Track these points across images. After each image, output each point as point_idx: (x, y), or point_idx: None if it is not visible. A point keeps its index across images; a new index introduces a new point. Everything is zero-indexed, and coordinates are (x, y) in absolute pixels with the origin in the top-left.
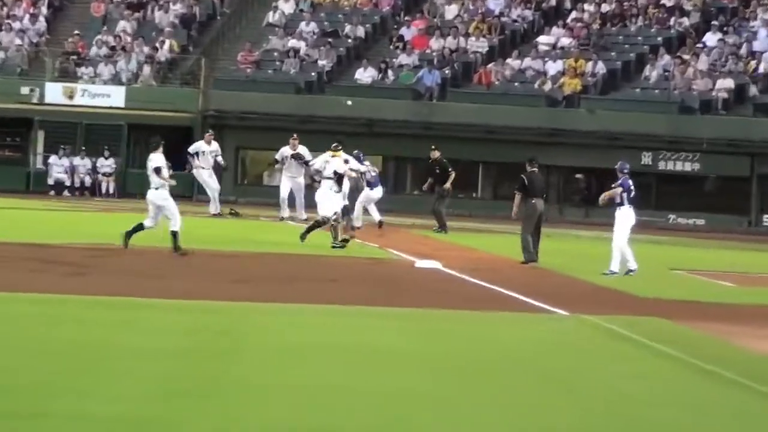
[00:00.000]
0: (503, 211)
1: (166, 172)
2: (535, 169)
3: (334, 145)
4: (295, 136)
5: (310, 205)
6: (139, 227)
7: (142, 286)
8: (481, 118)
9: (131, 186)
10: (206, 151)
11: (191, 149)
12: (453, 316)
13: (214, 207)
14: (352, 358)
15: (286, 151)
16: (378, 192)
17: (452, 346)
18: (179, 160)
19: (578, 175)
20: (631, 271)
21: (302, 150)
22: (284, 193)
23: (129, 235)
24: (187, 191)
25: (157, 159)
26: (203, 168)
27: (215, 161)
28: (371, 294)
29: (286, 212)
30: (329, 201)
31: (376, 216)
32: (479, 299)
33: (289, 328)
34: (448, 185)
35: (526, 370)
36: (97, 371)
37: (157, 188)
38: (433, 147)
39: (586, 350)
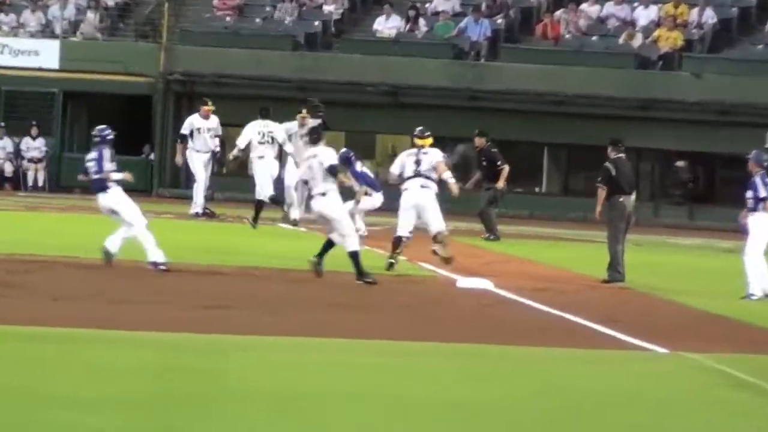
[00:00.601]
0: (576, 211)
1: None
2: (622, 155)
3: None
4: (303, 110)
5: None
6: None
7: (87, 312)
8: (547, 85)
9: (68, 176)
10: (202, 128)
11: (184, 128)
12: (508, 354)
13: (195, 205)
14: (370, 412)
15: (291, 127)
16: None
17: (508, 395)
18: (134, 143)
19: (679, 163)
20: (751, 295)
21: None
22: (290, 180)
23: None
24: (143, 183)
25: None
26: (199, 152)
27: (215, 144)
28: (397, 324)
29: (296, 212)
30: (437, 212)
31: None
32: (544, 331)
33: (284, 370)
34: (501, 184)
35: (609, 430)
36: (18, 430)
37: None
38: (477, 132)
39: (690, 401)
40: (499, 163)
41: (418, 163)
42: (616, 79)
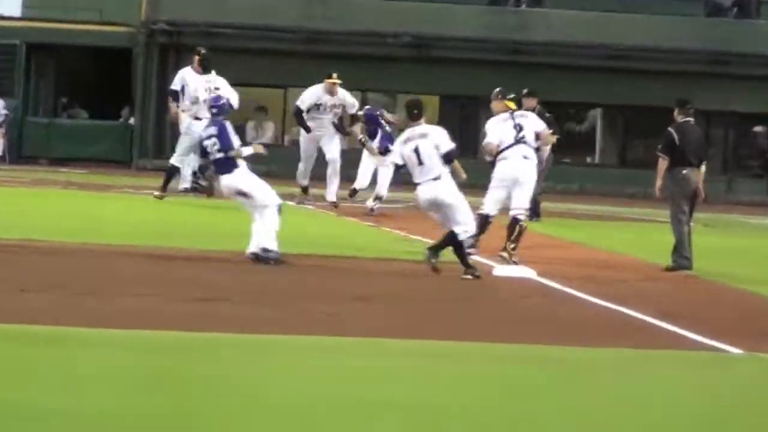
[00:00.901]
0: (635, 186)
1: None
2: (690, 119)
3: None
4: (334, 75)
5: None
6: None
7: (58, 305)
8: (601, 35)
9: (31, 145)
10: (199, 87)
11: (174, 84)
12: (556, 356)
13: (182, 178)
14: (404, 424)
15: (319, 95)
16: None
17: (559, 405)
18: (111, 105)
19: (758, 128)
20: None
21: (344, 97)
22: (306, 165)
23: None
24: (121, 153)
25: None
26: (194, 118)
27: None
28: (422, 320)
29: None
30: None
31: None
32: (598, 329)
33: (293, 375)
34: (547, 150)
35: None
36: None
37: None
38: (526, 91)
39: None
40: (553, 131)
41: (518, 128)
42: (683, 29)
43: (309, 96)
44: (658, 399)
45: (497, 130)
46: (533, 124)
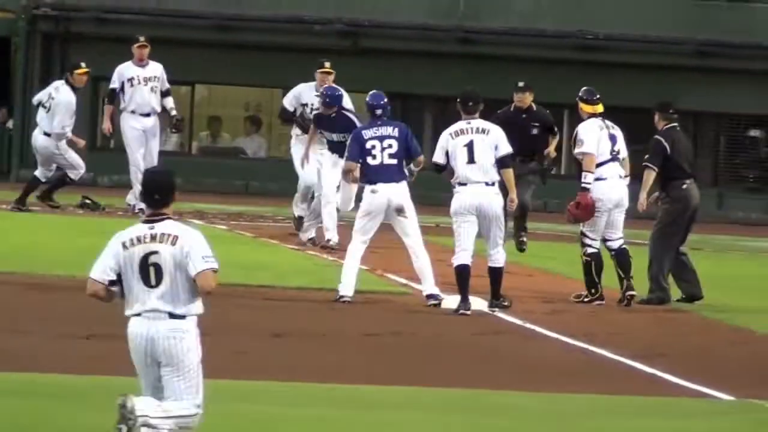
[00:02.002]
0: None
1: None
2: (676, 125)
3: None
4: (326, 65)
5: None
6: None
7: None
8: (568, 22)
9: None
10: (142, 79)
11: (114, 81)
12: (515, 403)
13: (131, 193)
14: None
15: (304, 94)
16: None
17: None
18: None
19: (754, 132)
20: None
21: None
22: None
23: None
24: None
25: None
26: (135, 114)
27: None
28: (360, 361)
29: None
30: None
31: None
32: (564, 371)
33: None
34: (551, 150)
35: None
36: None
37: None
38: (521, 85)
39: None
40: (555, 129)
41: (613, 140)
42: (666, 15)
43: (295, 94)
44: None
45: (594, 138)
46: (622, 137)
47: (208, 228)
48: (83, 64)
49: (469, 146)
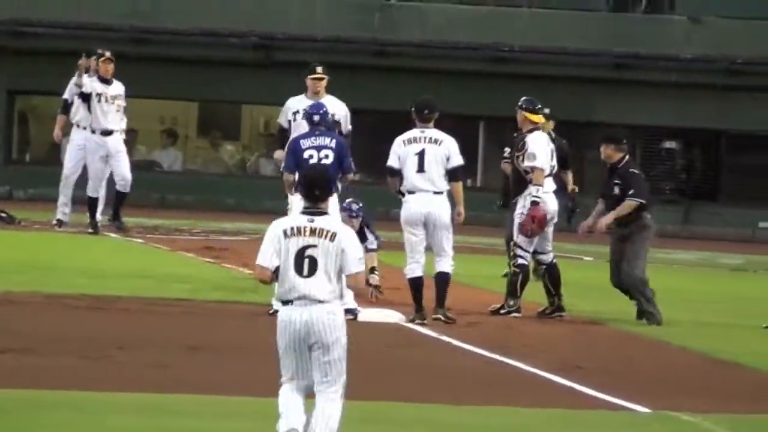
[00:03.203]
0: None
1: None
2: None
3: None
4: (318, 69)
5: None
6: None
7: None
8: (484, 34)
9: None
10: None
11: (69, 91)
12: (430, 416)
13: (57, 209)
14: None
15: (292, 104)
16: None
17: None
18: None
19: (670, 144)
20: None
21: (334, 106)
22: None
23: None
24: None
25: None
26: (80, 128)
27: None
28: (267, 374)
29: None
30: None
31: None
32: (479, 383)
33: None
34: (574, 188)
35: None
36: None
37: None
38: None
39: None
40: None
41: (552, 153)
42: (582, 26)
43: (288, 107)
44: None
45: (544, 151)
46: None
47: (123, 241)
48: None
49: (420, 155)
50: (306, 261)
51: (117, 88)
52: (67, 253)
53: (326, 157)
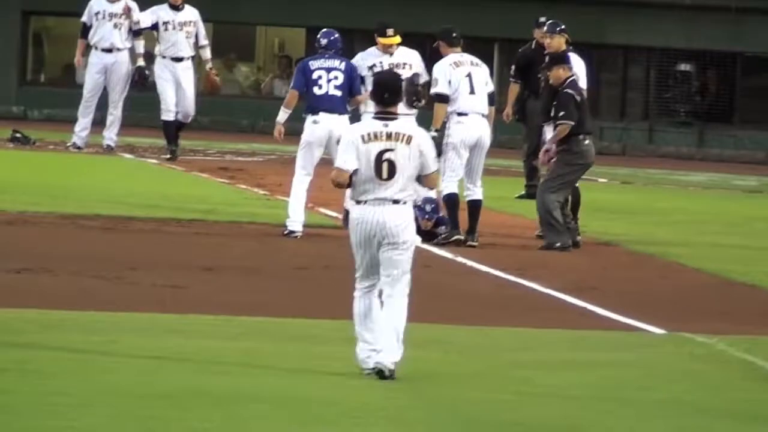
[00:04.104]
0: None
1: None
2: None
3: None
4: (389, 31)
5: None
6: None
7: None
8: None
9: None
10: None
11: (87, 14)
12: (444, 336)
13: (75, 135)
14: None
15: (371, 61)
16: None
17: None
18: None
19: (684, 66)
20: None
21: (408, 57)
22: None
23: None
24: None
25: None
26: (98, 51)
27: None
28: (286, 294)
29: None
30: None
31: None
32: (493, 304)
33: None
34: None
35: None
36: None
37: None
38: (542, 20)
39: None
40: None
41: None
42: None
43: (361, 61)
44: (559, 390)
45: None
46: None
47: (138, 162)
48: None
49: (470, 77)
50: (385, 164)
51: (187, 14)
52: (81, 175)
53: (336, 78)
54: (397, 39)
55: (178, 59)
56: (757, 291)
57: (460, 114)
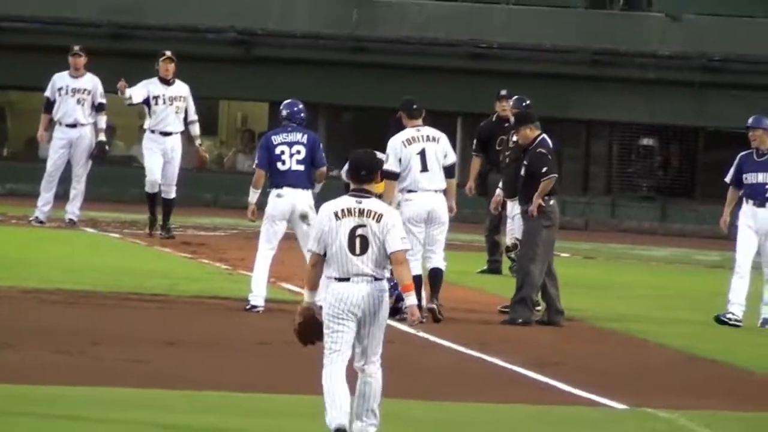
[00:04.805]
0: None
1: None
2: (544, 135)
3: None
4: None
5: None
6: None
7: None
8: (462, 30)
9: None
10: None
11: (50, 89)
12: (403, 411)
13: (37, 208)
14: None
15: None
16: None
17: None
18: None
19: (647, 141)
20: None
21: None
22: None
23: None
24: None
25: None
26: (61, 126)
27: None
28: (257, 370)
29: None
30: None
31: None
32: (454, 379)
33: None
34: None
35: None
36: None
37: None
38: (503, 93)
39: None
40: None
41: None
42: (560, 23)
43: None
44: None
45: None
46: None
47: (100, 236)
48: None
49: (422, 154)
50: (357, 240)
51: (178, 89)
52: (43, 249)
53: (298, 152)
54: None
55: (167, 134)
56: (718, 366)
57: (409, 191)
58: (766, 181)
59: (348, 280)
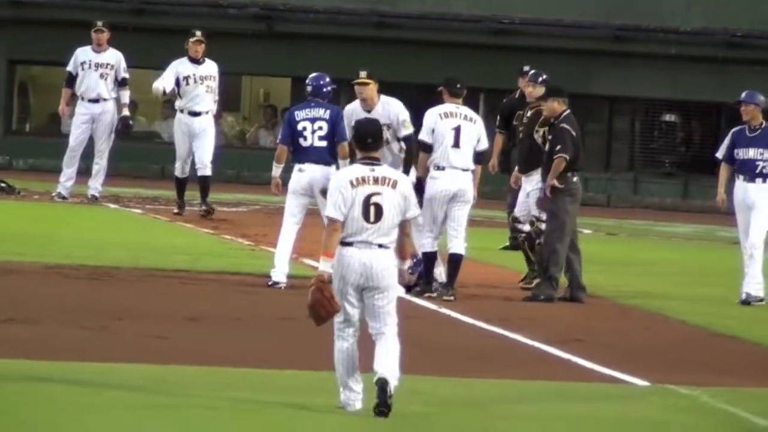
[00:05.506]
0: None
1: None
2: (568, 111)
3: None
4: (362, 73)
5: None
6: None
7: None
8: (484, 6)
9: None
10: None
11: (70, 65)
12: (426, 388)
13: (60, 184)
14: None
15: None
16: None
17: None
18: None
19: (669, 117)
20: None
21: (391, 106)
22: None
23: None
24: None
25: None
26: (84, 102)
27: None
28: (270, 345)
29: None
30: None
31: None
32: (476, 355)
33: (107, 410)
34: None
35: None
36: None
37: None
38: (525, 69)
39: None
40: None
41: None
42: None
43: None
44: None
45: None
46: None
47: (122, 212)
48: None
49: (457, 130)
50: (372, 208)
51: (208, 68)
52: (66, 225)
53: (320, 129)
54: (369, 84)
55: (196, 113)
56: (740, 343)
57: (437, 168)
58: (756, 157)
59: (351, 245)
